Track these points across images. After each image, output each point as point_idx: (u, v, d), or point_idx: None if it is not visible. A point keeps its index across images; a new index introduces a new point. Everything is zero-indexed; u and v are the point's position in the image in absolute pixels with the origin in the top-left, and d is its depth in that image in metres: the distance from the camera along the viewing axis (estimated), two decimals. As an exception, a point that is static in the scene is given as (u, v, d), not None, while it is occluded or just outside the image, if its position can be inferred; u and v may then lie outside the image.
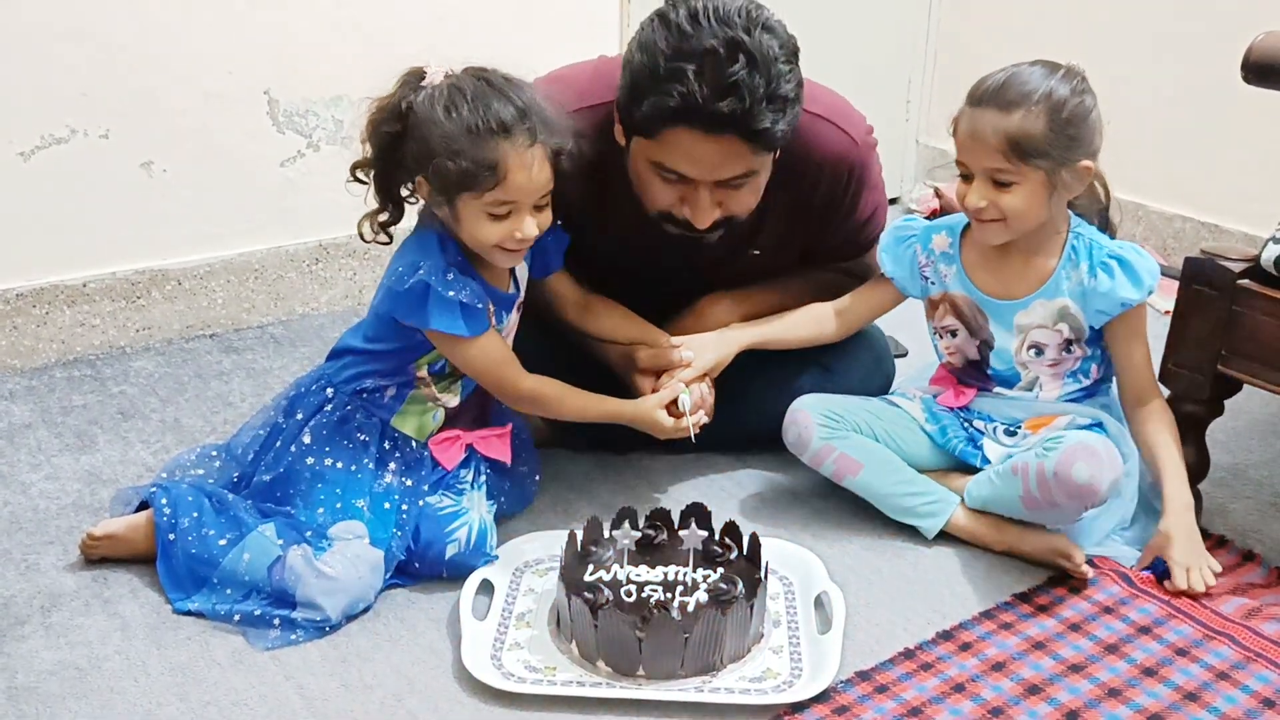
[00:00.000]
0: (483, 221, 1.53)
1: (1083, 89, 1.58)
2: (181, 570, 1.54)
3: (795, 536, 1.70)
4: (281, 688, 1.41)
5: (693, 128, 1.51)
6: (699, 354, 1.74)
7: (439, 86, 1.51)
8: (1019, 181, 1.58)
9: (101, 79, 2.15)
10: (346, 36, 2.37)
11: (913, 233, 1.77)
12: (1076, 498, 1.55)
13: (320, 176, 2.42)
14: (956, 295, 1.74)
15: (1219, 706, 1.40)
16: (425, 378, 1.65)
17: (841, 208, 1.79)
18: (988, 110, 1.57)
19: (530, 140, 1.50)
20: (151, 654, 1.46)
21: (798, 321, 1.82)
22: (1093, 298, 1.64)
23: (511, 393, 1.64)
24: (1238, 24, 1.66)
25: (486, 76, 1.52)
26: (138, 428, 2.02)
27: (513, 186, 1.50)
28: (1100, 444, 1.56)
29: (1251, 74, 1.63)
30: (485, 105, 1.49)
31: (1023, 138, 1.55)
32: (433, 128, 1.49)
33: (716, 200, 1.60)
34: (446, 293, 1.53)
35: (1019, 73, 1.58)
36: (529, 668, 1.43)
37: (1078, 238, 1.66)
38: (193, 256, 2.35)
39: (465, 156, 1.48)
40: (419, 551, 1.58)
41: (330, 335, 2.39)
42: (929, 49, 3.27)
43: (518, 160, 1.49)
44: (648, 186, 1.63)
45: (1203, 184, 2.77)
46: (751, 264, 1.83)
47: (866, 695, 1.41)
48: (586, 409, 1.69)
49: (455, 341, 1.57)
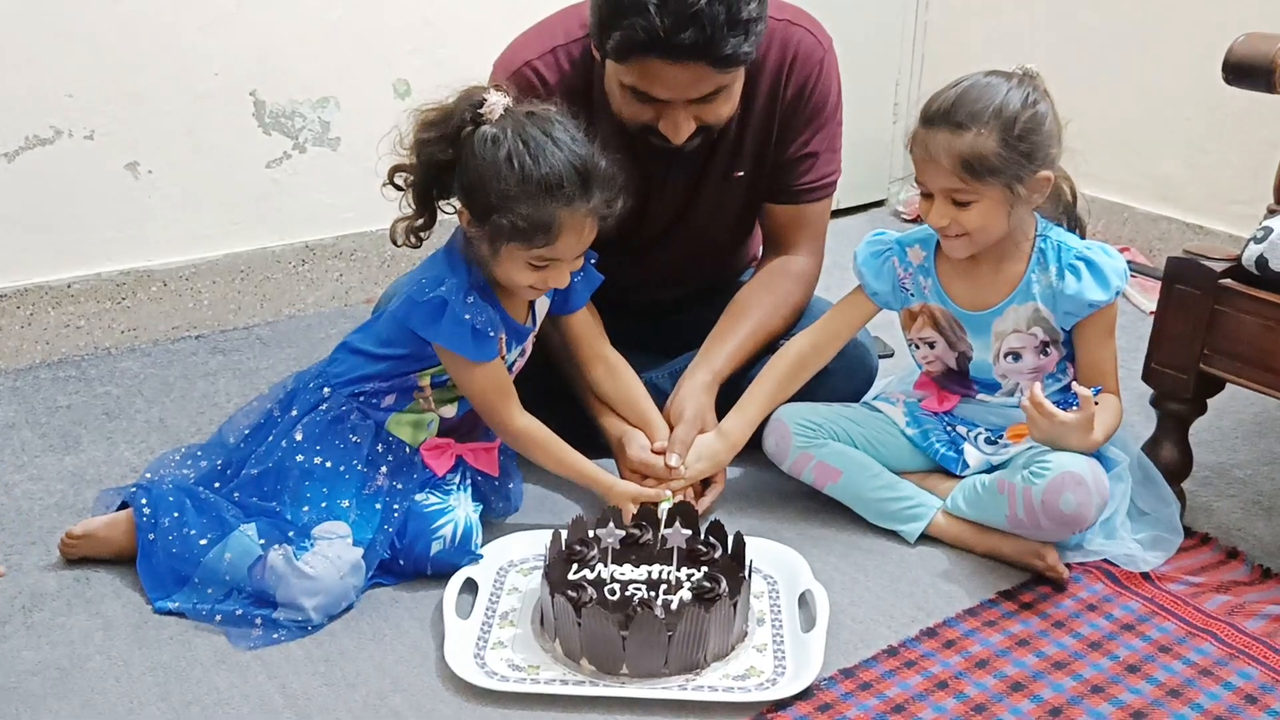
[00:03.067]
0: (521, 268, 1.55)
1: (1035, 98, 1.54)
2: (162, 570, 1.54)
3: (779, 536, 1.70)
4: (264, 687, 1.41)
5: (659, 57, 1.53)
6: (694, 462, 1.71)
7: (500, 126, 1.49)
8: (976, 199, 1.56)
9: (87, 79, 2.15)
10: (333, 38, 2.37)
11: (887, 246, 1.75)
12: (1064, 525, 1.56)
13: (307, 178, 2.42)
14: (934, 308, 1.73)
15: (1201, 703, 1.40)
16: (426, 389, 1.65)
17: (810, 102, 1.81)
18: (939, 131, 1.54)
19: (588, 208, 1.50)
20: (134, 653, 1.45)
21: (783, 379, 1.76)
22: (1061, 300, 1.63)
23: (502, 426, 1.64)
24: (1221, 27, 1.67)
25: (551, 131, 1.50)
26: (123, 428, 2.01)
27: (562, 247, 1.52)
28: (1088, 470, 1.55)
29: (1231, 74, 1.63)
30: (550, 164, 1.48)
31: (975, 159, 1.52)
32: (492, 176, 1.48)
33: (692, 114, 1.63)
34: (463, 315, 1.53)
35: (970, 88, 1.55)
36: (512, 666, 1.43)
37: (1045, 240, 1.65)
38: (179, 257, 2.34)
39: (522, 216, 1.48)
40: (404, 548, 1.57)
41: (317, 336, 2.39)
42: (916, 52, 3.29)
43: (572, 224, 1.51)
44: (625, 106, 1.66)
45: (1187, 186, 2.78)
46: (735, 191, 1.85)
47: (850, 693, 1.41)
48: (565, 463, 1.67)
49: (460, 362, 1.58)
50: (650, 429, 1.74)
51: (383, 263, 2.57)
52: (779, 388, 1.76)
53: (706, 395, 1.77)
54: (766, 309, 1.85)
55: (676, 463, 1.69)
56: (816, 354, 1.77)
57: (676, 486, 1.69)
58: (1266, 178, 1.72)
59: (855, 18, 3.10)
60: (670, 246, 1.92)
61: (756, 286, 1.89)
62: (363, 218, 2.49)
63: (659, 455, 1.70)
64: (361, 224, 2.51)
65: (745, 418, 1.75)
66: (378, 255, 2.55)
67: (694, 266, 1.98)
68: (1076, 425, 1.55)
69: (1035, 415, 1.57)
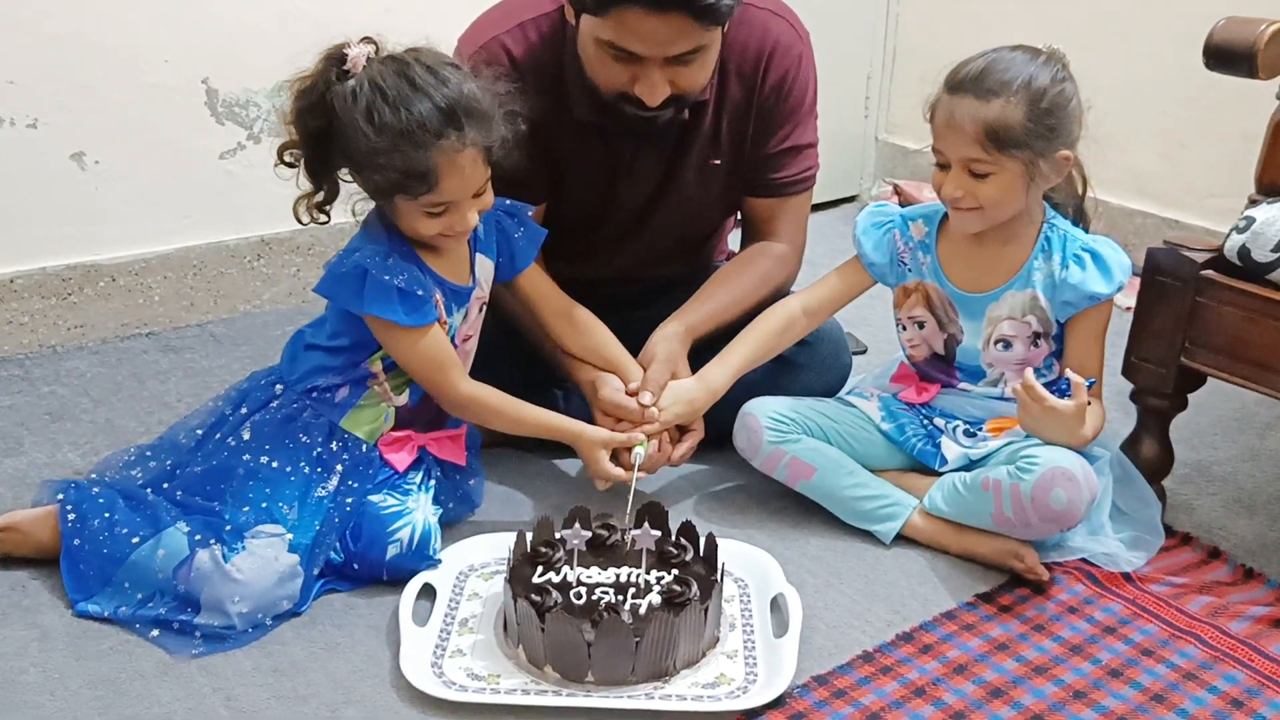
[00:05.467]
0: (420, 218, 1.49)
1: (1063, 76, 1.54)
2: (87, 570, 1.47)
3: (752, 537, 1.65)
4: (209, 700, 1.34)
5: (641, 6, 1.50)
6: (670, 405, 1.66)
7: (359, 80, 1.43)
8: (996, 172, 1.53)
9: (30, 66, 2.07)
10: (288, 24, 2.30)
11: (890, 218, 1.73)
12: (1053, 521, 1.53)
13: (262, 169, 2.33)
14: (929, 286, 1.69)
15: (1187, 708, 1.36)
16: (379, 374, 1.58)
17: (790, 96, 1.79)
18: (965, 98, 1.52)
19: (460, 143, 1.44)
20: (71, 665, 1.38)
21: (768, 334, 1.73)
22: (1061, 289, 1.60)
23: (449, 395, 1.57)
24: (1199, 22, 1.64)
25: (409, 72, 1.44)
26: (67, 430, 1.93)
27: (446, 189, 1.46)
28: (1077, 466, 1.52)
29: (1212, 59, 1.61)
30: (408, 109, 1.42)
31: (1001, 128, 1.50)
32: (356, 134, 1.42)
33: (668, 77, 1.59)
34: (383, 276, 1.47)
35: (999, 59, 1.53)
36: (472, 675, 1.37)
37: (1052, 229, 1.63)
38: (128, 252, 2.26)
39: (392, 166, 1.43)
40: (359, 552, 1.51)
41: (273, 334, 2.32)
42: (888, 47, 3.26)
43: (448, 164, 1.44)
44: (600, 68, 1.62)
45: (1164, 180, 2.76)
46: (712, 180, 1.82)
47: (824, 701, 1.35)
48: (525, 420, 1.62)
49: (394, 332, 1.51)
50: (623, 371, 1.69)
51: (342, 258, 2.50)
52: (765, 343, 1.73)
53: (679, 343, 1.73)
54: (746, 283, 1.82)
55: (650, 400, 1.64)
56: (806, 317, 1.75)
57: (651, 430, 1.64)
58: (1244, 171, 1.70)
59: (827, 13, 3.05)
60: (639, 237, 1.88)
61: (738, 262, 1.87)
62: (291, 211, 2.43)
63: (633, 397, 1.66)
64: (319, 217, 2.44)
65: (727, 366, 1.70)
66: (336, 250, 2.46)
67: (663, 259, 1.94)
68: (1069, 413, 1.51)
69: (1027, 400, 1.52)
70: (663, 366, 1.69)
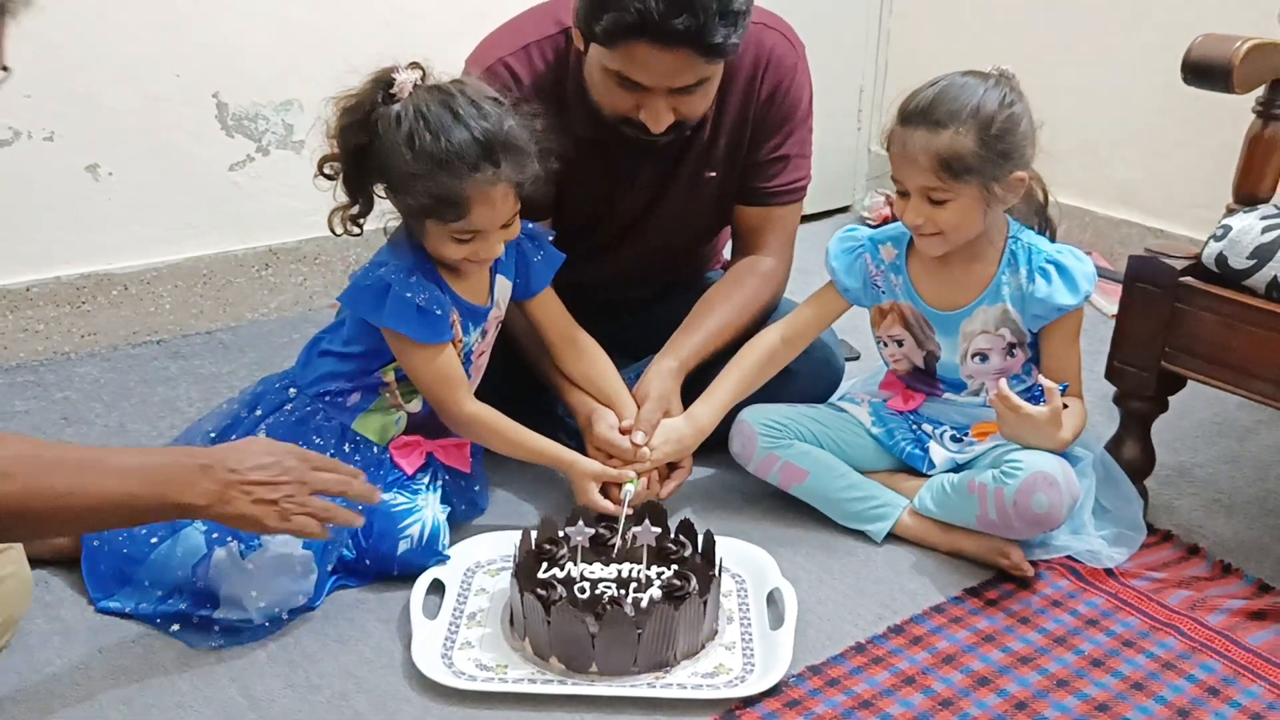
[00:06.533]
0: (447, 243, 1.54)
1: (1011, 100, 1.56)
2: (107, 570, 1.52)
3: (747, 535, 1.69)
4: (227, 690, 1.39)
5: (649, 42, 1.54)
6: (661, 445, 1.70)
7: (404, 105, 1.48)
8: (953, 198, 1.57)
9: (46, 80, 2.11)
10: (296, 39, 2.35)
11: (859, 243, 1.76)
12: (1035, 524, 1.57)
13: (270, 181, 2.40)
14: (904, 306, 1.74)
15: (1165, 695, 1.41)
16: (391, 384, 1.64)
17: (784, 105, 1.83)
18: (917, 129, 1.55)
19: (495, 177, 1.49)
20: (94, 657, 1.43)
21: (751, 369, 1.76)
22: (1030, 303, 1.64)
23: (453, 413, 1.62)
24: (1179, 37, 1.69)
25: (453, 103, 1.48)
26: (81, 434, 1.98)
27: (477, 219, 1.51)
28: (1059, 470, 1.56)
29: (1190, 74, 1.65)
30: (448, 138, 1.46)
31: (952, 158, 1.54)
32: (396, 156, 1.48)
33: (671, 105, 1.64)
34: (405, 293, 1.52)
35: (948, 88, 1.56)
36: (480, 666, 1.42)
37: (1016, 242, 1.66)
38: (139, 261, 2.31)
39: (427, 192, 1.48)
40: (370, 548, 1.56)
41: (279, 341, 2.37)
42: (880, 60, 3.32)
43: (481, 195, 1.49)
44: (606, 94, 1.67)
45: (1147, 190, 2.81)
46: (706, 191, 1.86)
47: (818, 689, 1.41)
48: (522, 444, 1.66)
49: (407, 344, 1.56)
50: (619, 407, 1.73)
51: (346, 267, 2.55)
52: (748, 378, 1.76)
53: (672, 380, 1.77)
54: (734, 306, 1.85)
55: (641, 440, 1.68)
56: (786, 347, 1.78)
57: (641, 469, 1.68)
58: (1224, 181, 1.75)
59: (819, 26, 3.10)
60: (636, 243, 1.92)
61: (725, 284, 1.89)
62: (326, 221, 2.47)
63: (626, 435, 1.70)
64: (325, 228, 2.44)
65: (713, 404, 1.75)
66: (341, 259, 2.53)
67: (659, 265, 1.98)
68: (1044, 419, 1.56)
69: (1003, 410, 1.58)
70: (655, 405, 1.72)
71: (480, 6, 2.41)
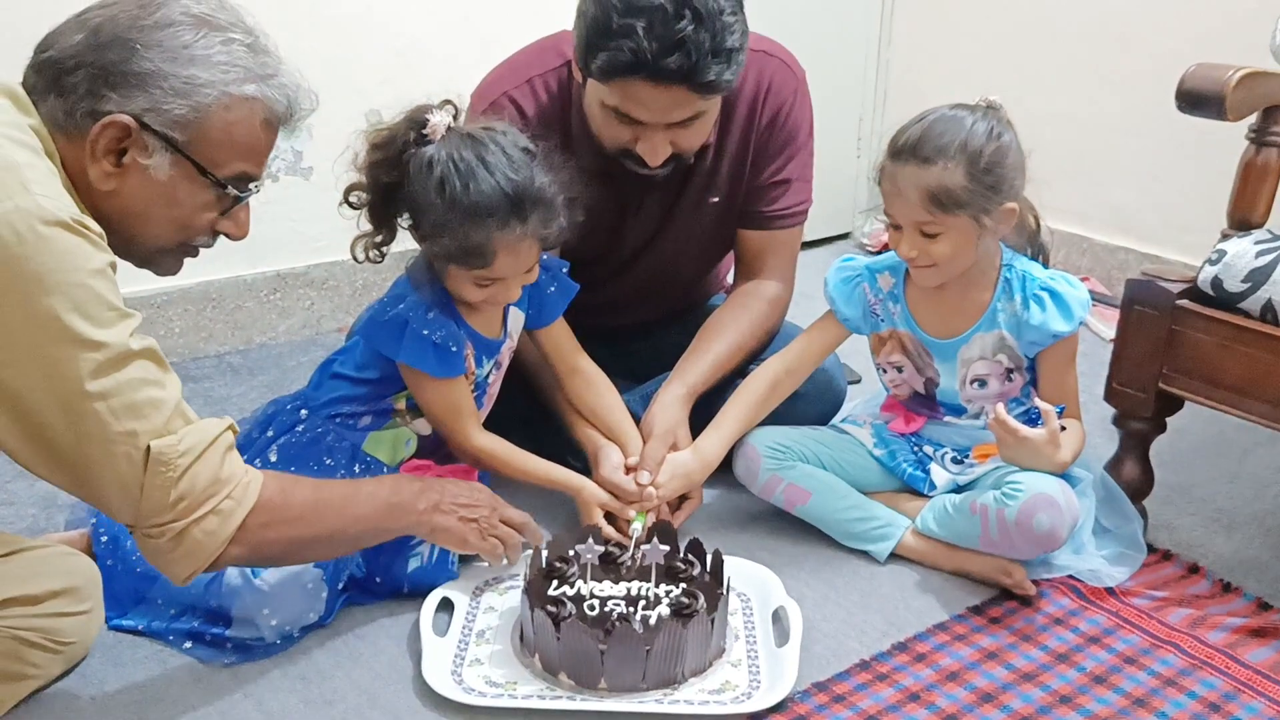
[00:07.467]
0: (468, 287, 1.57)
1: (999, 131, 1.58)
2: (121, 589, 1.53)
3: (754, 554, 1.72)
4: (241, 705, 1.41)
5: (644, 79, 1.56)
6: (667, 480, 1.71)
7: (437, 149, 1.49)
8: (944, 231, 1.59)
9: (60, 107, 2.14)
10: (305, 68, 2.36)
11: (857, 272, 1.78)
12: (1037, 545, 1.59)
13: (279, 206, 2.43)
14: (903, 334, 1.76)
15: (1166, 711, 1.43)
16: (402, 410, 1.66)
17: (784, 130, 1.86)
18: (907, 165, 1.57)
19: (522, 232, 1.51)
20: (109, 672, 1.45)
21: (755, 400, 1.77)
22: (1026, 330, 1.66)
23: (461, 443, 1.65)
24: (1173, 65, 1.72)
25: (485, 155, 1.48)
26: (94, 454, 2.00)
27: (500, 268, 1.53)
28: (1059, 491, 1.58)
29: (1184, 103, 1.69)
30: (479, 189, 1.47)
31: (942, 192, 1.55)
32: (426, 201, 1.49)
33: (669, 138, 1.66)
34: (422, 331, 1.55)
35: (936, 122, 1.58)
36: (490, 682, 1.44)
37: (1010, 269, 1.68)
38: (149, 285, 2.34)
39: (453, 239, 1.49)
40: (381, 566, 1.58)
41: (288, 364, 2.39)
42: (879, 89, 3.36)
43: (507, 248, 1.51)
44: (604, 127, 1.70)
45: (1144, 217, 2.85)
46: (709, 216, 1.89)
47: (824, 705, 1.43)
48: (530, 471, 1.69)
49: (422, 379, 1.59)
50: (625, 443, 1.75)
51: (354, 291, 2.58)
52: (753, 409, 1.78)
53: (680, 409, 1.79)
54: (740, 330, 1.88)
55: (646, 480, 1.69)
56: (789, 376, 1.80)
57: (647, 507, 1.69)
58: (1219, 207, 1.78)
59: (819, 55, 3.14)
60: (641, 269, 1.95)
61: (730, 308, 1.91)
62: (335, 246, 2.50)
63: (631, 473, 1.71)
64: (333, 253, 2.52)
65: (720, 437, 1.76)
66: (349, 284, 2.57)
67: (664, 290, 2.01)
68: (1042, 442, 1.59)
69: (1001, 434, 1.60)
70: (660, 442, 1.73)
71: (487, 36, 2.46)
